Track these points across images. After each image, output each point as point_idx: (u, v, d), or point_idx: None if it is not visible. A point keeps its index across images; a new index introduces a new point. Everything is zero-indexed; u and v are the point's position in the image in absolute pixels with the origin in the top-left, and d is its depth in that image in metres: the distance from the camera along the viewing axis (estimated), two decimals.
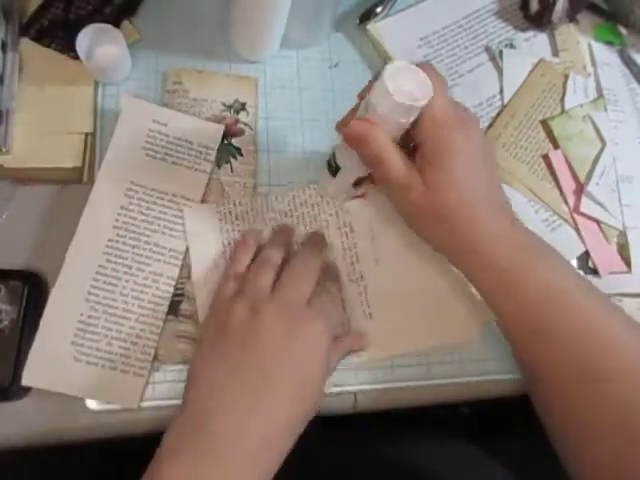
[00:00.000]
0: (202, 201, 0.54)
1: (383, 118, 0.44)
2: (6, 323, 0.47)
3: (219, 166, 0.56)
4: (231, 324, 0.46)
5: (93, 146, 0.54)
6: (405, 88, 0.43)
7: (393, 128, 0.45)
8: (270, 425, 0.43)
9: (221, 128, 0.56)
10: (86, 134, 0.54)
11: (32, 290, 0.49)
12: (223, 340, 0.46)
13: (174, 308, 0.51)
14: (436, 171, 0.45)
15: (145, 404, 0.49)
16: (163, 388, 0.50)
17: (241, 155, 0.57)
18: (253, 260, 0.52)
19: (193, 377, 0.46)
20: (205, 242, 0.53)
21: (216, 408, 0.43)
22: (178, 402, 0.48)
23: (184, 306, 0.51)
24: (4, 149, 0.51)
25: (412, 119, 0.45)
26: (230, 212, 0.55)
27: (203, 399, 0.44)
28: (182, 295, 0.52)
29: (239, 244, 0.53)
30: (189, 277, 0.52)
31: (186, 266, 0.53)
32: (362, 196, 0.57)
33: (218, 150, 0.56)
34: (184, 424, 0.43)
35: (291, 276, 0.49)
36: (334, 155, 0.53)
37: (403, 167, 0.46)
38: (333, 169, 0.54)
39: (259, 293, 0.47)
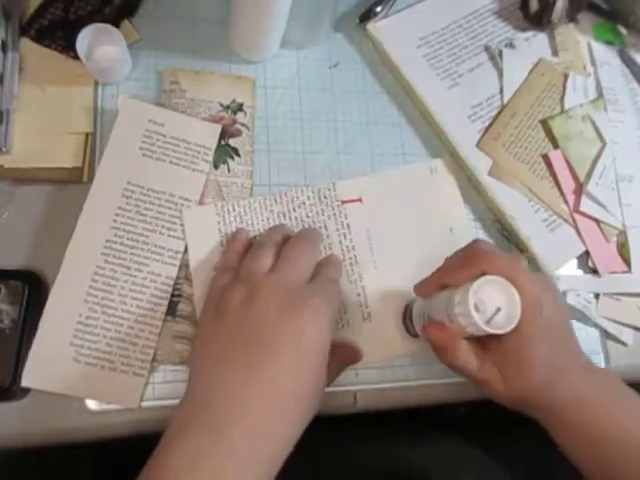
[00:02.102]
0: (200, 201, 0.54)
1: (464, 328, 0.44)
2: (7, 323, 0.47)
3: (216, 167, 0.56)
4: (228, 308, 0.46)
5: (93, 146, 0.54)
6: (491, 304, 0.42)
7: (473, 333, 0.44)
8: (274, 396, 0.42)
9: (218, 128, 0.56)
10: (86, 134, 0.54)
11: (33, 290, 0.49)
12: (221, 323, 0.46)
13: (171, 309, 0.51)
14: (515, 377, 0.46)
15: (145, 404, 0.49)
16: (163, 388, 0.50)
17: (238, 156, 0.57)
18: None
19: (194, 362, 0.47)
20: (204, 244, 0.53)
21: (219, 387, 0.42)
22: (179, 402, 0.49)
23: (181, 306, 0.51)
24: (4, 149, 0.52)
25: None
26: (229, 214, 0.55)
27: (205, 381, 0.44)
28: (180, 296, 0.52)
29: (232, 238, 0.53)
30: (186, 277, 0.52)
31: (183, 266, 0.53)
32: None
33: (215, 151, 0.56)
34: (188, 406, 0.43)
35: (288, 258, 0.49)
36: (411, 319, 0.53)
37: (480, 368, 0.46)
38: (412, 333, 0.54)
39: (255, 275, 0.47)
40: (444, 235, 0.59)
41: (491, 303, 0.42)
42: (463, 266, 0.46)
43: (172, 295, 0.51)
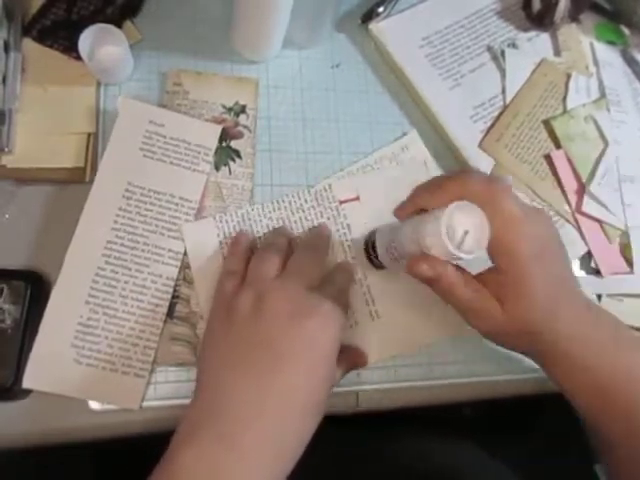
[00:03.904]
0: (200, 202, 0.54)
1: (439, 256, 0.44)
2: (9, 323, 0.47)
3: (217, 168, 0.56)
4: (237, 313, 0.45)
5: (95, 146, 0.54)
6: (460, 229, 0.42)
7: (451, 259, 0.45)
8: (285, 402, 0.42)
9: (219, 128, 0.56)
10: (88, 134, 0.54)
11: (35, 290, 0.49)
12: (231, 328, 0.45)
13: (169, 310, 0.51)
14: (515, 301, 0.45)
15: (147, 404, 0.49)
16: (165, 388, 0.50)
17: (240, 158, 0.57)
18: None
19: (204, 366, 0.47)
20: (205, 257, 0.53)
21: (230, 392, 0.42)
22: (180, 402, 0.49)
23: (179, 308, 0.51)
24: (7, 149, 0.52)
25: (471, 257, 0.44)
26: (227, 224, 0.55)
27: (215, 385, 0.44)
28: (178, 297, 0.52)
29: (234, 241, 0.53)
30: (184, 279, 0.52)
31: (182, 268, 0.52)
32: None
33: (217, 153, 0.56)
34: (198, 410, 0.43)
35: (297, 262, 0.49)
36: (374, 250, 0.53)
37: (476, 297, 0.46)
38: (375, 264, 0.54)
39: (264, 281, 0.47)
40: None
41: (459, 228, 0.42)
42: (440, 187, 0.46)
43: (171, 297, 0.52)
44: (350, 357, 0.52)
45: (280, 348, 0.43)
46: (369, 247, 0.54)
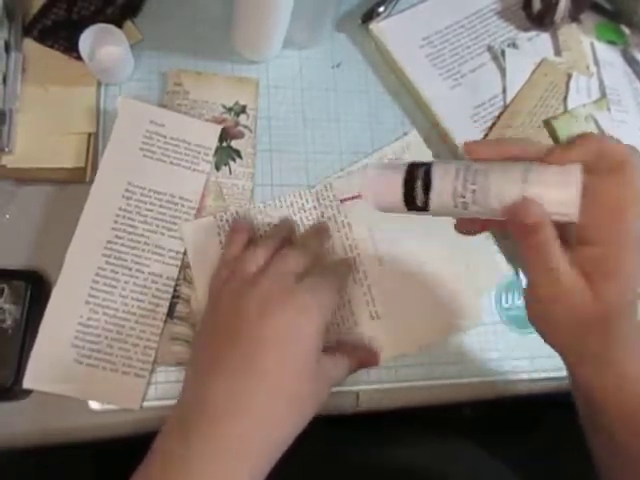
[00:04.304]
0: (200, 202, 0.54)
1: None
2: (9, 323, 0.47)
3: (218, 168, 0.56)
4: (221, 305, 0.46)
5: (96, 146, 0.54)
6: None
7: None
8: (264, 396, 0.42)
9: (219, 128, 0.56)
10: (89, 134, 0.54)
11: (35, 290, 0.49)
12: (215, 321, 0.46)
13: (169, 310, 0.51)
14: (610, 279, 0.39)
15: (147, 404, 0.49)
16: (165, 388, 0.50)
17: (240, 158, 0.57)
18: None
19: (191, 361, 0.47)
20: (206, 256, 0.53)
21: (209, 384, 0.43)
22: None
23: (179, 308, 0.52)
24: (7, 149, 0.52)
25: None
26: (228, 224, 0.54)
27: (198, 379, 0.44)
28: (177, 297, 0.52)
29: (231, 230, 0.53)
30: (184, 279, 0.52)
31: (182, 268, 0.52)
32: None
33: (217, 152, 0.56)
34: (183, 406, 0.44)
35: (283, 255, 0.49)
36: (427, 186, 0.41)
37: (565, 264, 0.39)
38: (416, 206, 0.42)
39: (248, 273, 0.47)
40: (447, 222, 0.59)
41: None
42: (574, 144, 0.38)
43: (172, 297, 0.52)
44: (359, 356, 0.52)
45: (255, 341, 0.43)
46: (417, 184, 0.41)
